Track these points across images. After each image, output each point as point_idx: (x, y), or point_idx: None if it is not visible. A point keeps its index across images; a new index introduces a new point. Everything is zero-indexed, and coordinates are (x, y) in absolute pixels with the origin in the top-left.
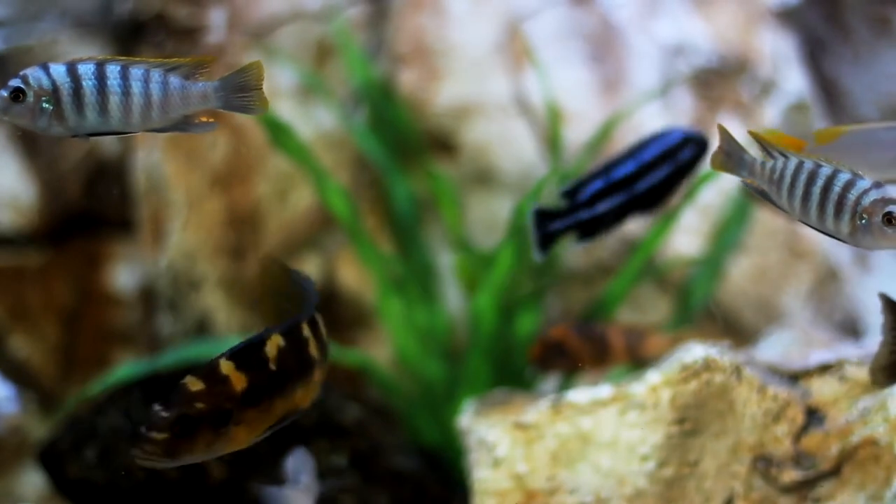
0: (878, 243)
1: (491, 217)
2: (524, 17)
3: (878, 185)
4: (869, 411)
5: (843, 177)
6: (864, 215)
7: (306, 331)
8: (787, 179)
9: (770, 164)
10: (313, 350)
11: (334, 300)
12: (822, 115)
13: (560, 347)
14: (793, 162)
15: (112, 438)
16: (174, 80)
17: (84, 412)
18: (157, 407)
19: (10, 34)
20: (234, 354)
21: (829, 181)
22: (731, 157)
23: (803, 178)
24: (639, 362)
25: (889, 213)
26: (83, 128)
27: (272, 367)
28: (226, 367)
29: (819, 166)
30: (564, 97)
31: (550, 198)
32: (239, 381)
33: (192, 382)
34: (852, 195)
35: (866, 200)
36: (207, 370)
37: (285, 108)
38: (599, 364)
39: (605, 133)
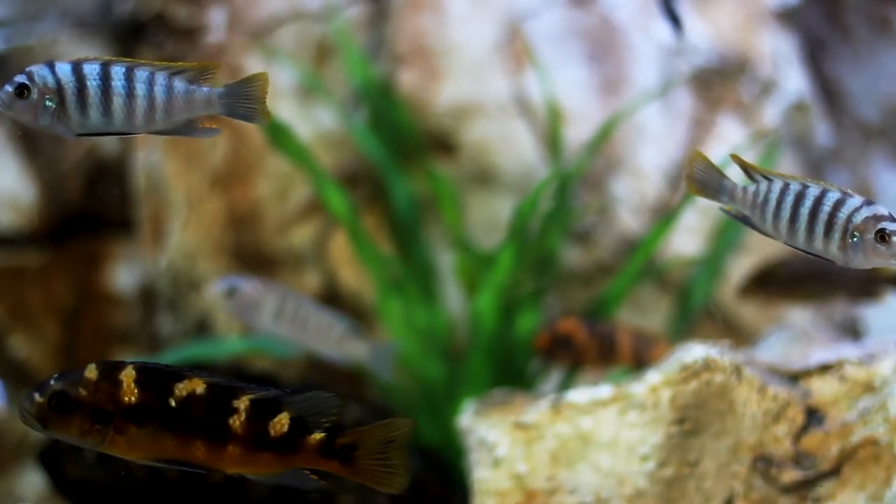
0: (870, 261)
1: (491, 217)
2: (524, 18)
3: (868, 202)
4: (869, 411)
5: (833, 196)
6: (856, 233)
7: (242, 405)
8: (773, 202)
9: (753, 188)
10: (237, 425)
11: (334, 300)
12: (822, 115)
13: (567, 340)
14: (778, 184)
15: None
16: (179, 84)
17: None
18: (55, 375)
19: (10, 34)
20: (143, 369)
21: (819, 201)
22: (708, 185)
23: (790, 199)
24: (642, 367)
25: (882, 230)
26: (86, 127)
27: (172, 403)
28: (126, 373)
29: (806, 187)
30: (564, 97)
31: None
32: (129, 394)
33: (91, 370)
34: (843, 213)
35: (858, 218)
36: (110, 366)
37: (285, 108)
38: (603, 362)
39: (605, 133)
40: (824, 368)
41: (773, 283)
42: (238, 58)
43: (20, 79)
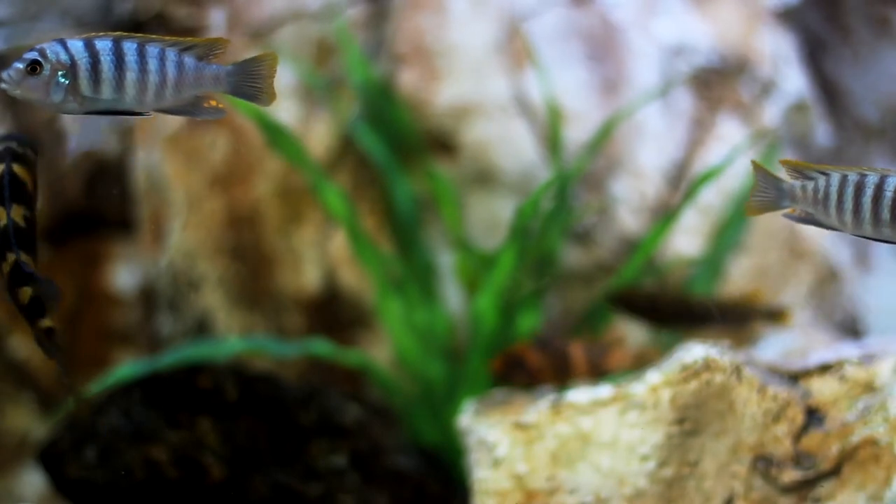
0: None
1: (491, 217)
2: (524, 17)
3: None
4: (869, 411)
5: (892, 180)
6: None
7: (10, 259)
8: (834, 196)
9: (811, 185)
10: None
11: (334, 300)
12: (822, 115)
13: (520, 362)
14: (836, 177)
15: (112, 438)
16: (189, 60)
17: (84, 412)
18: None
19: (10, 34)
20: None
21: (880, 188)
22: (769, 195)
23: (850, 190)
24: (602, 376)
25: None
26: (97, 104)
27: None
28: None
29: (864, 176)
30: (564, 97)
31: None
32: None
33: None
34: None
35: None
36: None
37: (286, 108)
38: (561, 379)
39: (605, 133)
40: (824, 368)
41: (631, 306)
42: (238, 58)
43: (32, 55)
